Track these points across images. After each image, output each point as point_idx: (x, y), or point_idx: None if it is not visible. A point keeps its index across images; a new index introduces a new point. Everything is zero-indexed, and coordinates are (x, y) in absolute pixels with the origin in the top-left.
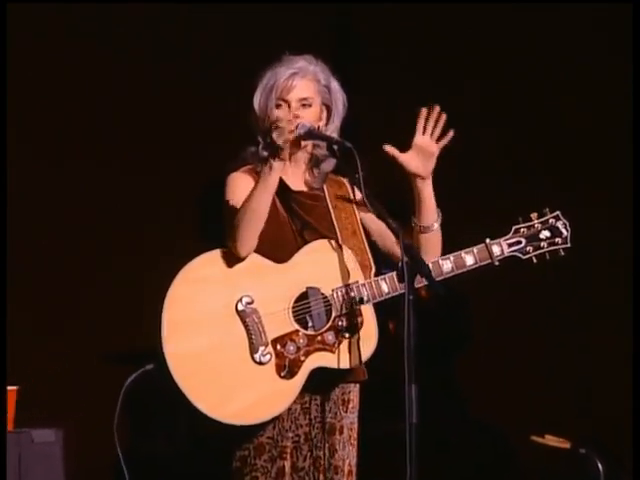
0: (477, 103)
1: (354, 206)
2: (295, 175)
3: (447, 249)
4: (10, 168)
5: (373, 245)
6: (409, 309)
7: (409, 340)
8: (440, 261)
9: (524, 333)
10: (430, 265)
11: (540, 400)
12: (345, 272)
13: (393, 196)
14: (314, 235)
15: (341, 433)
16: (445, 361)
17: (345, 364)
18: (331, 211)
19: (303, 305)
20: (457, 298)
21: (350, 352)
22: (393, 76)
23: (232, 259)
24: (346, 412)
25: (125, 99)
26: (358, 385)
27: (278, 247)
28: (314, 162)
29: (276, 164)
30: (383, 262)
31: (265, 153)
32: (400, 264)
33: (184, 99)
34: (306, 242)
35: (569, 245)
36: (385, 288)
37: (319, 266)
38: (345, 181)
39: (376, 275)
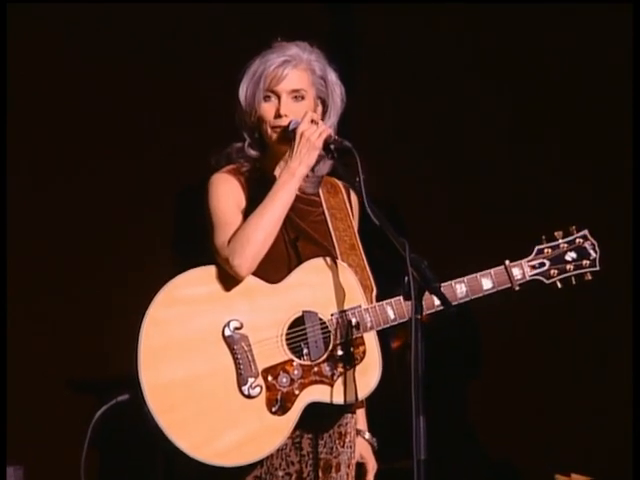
0: (477, 103)
1: (351, 216)
2: None
3: (460, 270)
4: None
5: (374, 261)
6: (417, 330)
7: (417, 365)
8: (453, 284)
9: (546, 365)
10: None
11: (565, 437)
12: (346, 295)
13: (395, 203)
14: (309, 245)
15: (338, 470)
16: (457, 389)
17: (344, 399)
18: (328, 220)
19: (298, 331)
20: (463, 319)
21: (350, 386)
22: (393, 77)
23: (220, 277)
24: (342, 447)
25: (122, 103)
26: (355, 415)
27: (267, 259)
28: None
29: (302, 170)
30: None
31: (252, 151)
32: (406, 280)
33: (182, 102)
34: (299, 253)
35: (597, 268)
36: (391, 314)
37: (317, 287)
38: (341, 186)
39: (378, 297)
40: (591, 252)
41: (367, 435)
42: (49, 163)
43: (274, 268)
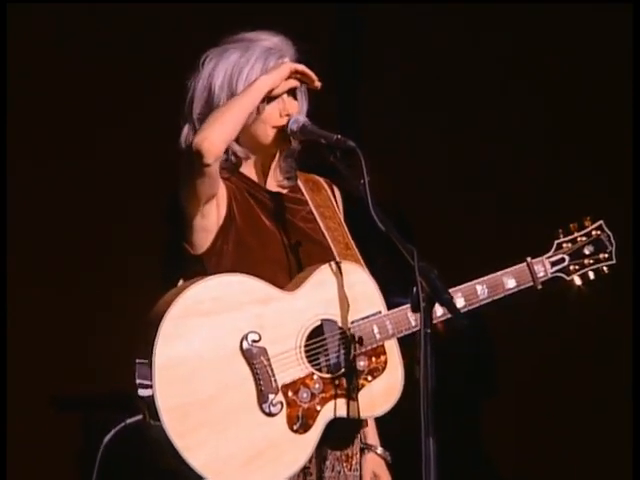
0: (477, 103)
1: (340, 215)
2: (272, 177)
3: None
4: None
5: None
6: (426, 344)
7: (426, 382)
8: (474, 285)
9: (564, 386)
10: (462, 288)
11: (585, 462)
12: (365, 300)
13: (401, 207)
14: (307, 244)
15: None
16: (469, 409)
17: (367, 413)
18: (318, 220)
19: (318, 342)
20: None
21: (372, 398)
22: (394, 77)
23: (235, 287)
24: (350, 470)
25: (121, 103)
26: (359, 437)
27: (264, 259)
28: (287, 153)
29: (263, 79)
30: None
31: (240, 154)
32: (414, 290)
33: (182, 102)
34: (297, 253)
35: (614, 261)
36: (412, 320)
37: (335, 293)
38: (323, 182)
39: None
40: (607, 244)
41: (379, 450)
42: (49, 163)
43: (271, 269)
